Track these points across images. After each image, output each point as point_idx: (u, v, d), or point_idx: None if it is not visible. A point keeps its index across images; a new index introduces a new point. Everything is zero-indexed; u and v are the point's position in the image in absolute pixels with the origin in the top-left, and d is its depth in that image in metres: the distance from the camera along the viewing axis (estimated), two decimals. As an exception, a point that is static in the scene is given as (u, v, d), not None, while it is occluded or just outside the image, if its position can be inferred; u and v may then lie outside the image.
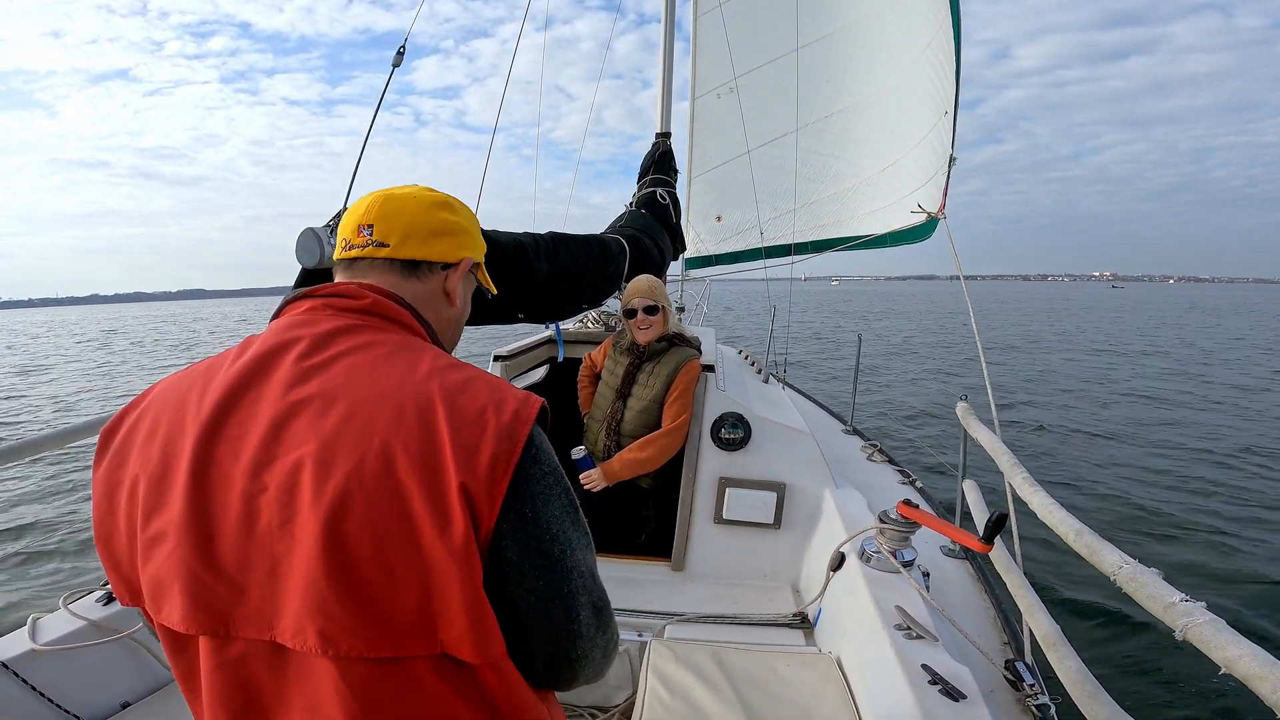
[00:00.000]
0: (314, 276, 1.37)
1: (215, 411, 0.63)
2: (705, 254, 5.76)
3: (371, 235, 0.77)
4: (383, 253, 0.77)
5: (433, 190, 0.83)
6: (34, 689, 1.36)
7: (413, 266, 0.79)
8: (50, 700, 1.38)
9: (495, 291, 0.93)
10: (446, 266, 0.82)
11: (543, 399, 0.67)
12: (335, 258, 0.81)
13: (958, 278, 3.43)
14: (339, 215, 1.41)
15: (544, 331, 3.28)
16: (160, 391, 0.69)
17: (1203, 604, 0.96)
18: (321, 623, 0.57)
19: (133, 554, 0.64)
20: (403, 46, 2.31)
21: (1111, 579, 1.17)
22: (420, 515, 0.57)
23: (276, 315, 0.74)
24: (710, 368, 2.54)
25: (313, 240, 1.37)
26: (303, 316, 0.71)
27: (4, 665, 1.34)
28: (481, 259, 0.88)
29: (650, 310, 2.50)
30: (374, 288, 0.74)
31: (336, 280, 0.79)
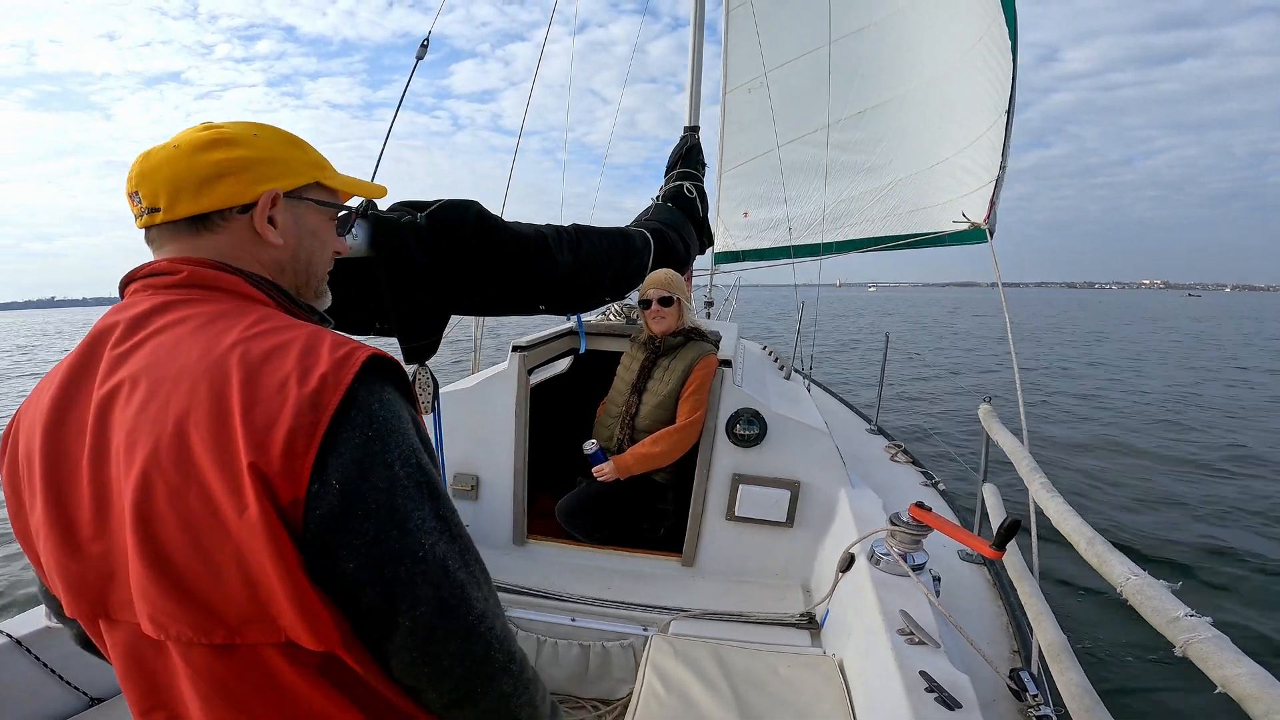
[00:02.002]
0: (346, 264, 1.35)
1: (54, 406, 0.63)
2: (733, 249, 5.71)
3: (141, 203, 0.68)
4: (158, 218, 0.68)
5: (208, 127, 0.71)
6: (45, 666, 1.39)
7: (199, 222, 0.69)
8: (61, 677, 1.41)
9: (384, 193, 0.83)
10: (246, 209, 0.70)
11: (378, 351, 0.61)
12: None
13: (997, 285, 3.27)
14: (366, 204, 1.41)
15: (565, 323, 3.29)
16: (33, 392, 0.69)
17: (1208, 619, 0.92)
18: (147, 609, 0.55)
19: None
20: (426, 39, 2.34)
21: (1118, 590, 1.13)
22: (221, 498, 0.53)
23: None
24: (727, 363, 2.52)
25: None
26: (126, 300, 0.68)
27: (18, 642, 1.37)
28: (303, 180, 0.75)
29: (664, 301, 2.49)
30: (189, 259, 0.68)
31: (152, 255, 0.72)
